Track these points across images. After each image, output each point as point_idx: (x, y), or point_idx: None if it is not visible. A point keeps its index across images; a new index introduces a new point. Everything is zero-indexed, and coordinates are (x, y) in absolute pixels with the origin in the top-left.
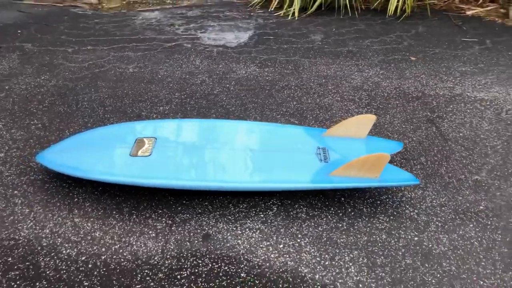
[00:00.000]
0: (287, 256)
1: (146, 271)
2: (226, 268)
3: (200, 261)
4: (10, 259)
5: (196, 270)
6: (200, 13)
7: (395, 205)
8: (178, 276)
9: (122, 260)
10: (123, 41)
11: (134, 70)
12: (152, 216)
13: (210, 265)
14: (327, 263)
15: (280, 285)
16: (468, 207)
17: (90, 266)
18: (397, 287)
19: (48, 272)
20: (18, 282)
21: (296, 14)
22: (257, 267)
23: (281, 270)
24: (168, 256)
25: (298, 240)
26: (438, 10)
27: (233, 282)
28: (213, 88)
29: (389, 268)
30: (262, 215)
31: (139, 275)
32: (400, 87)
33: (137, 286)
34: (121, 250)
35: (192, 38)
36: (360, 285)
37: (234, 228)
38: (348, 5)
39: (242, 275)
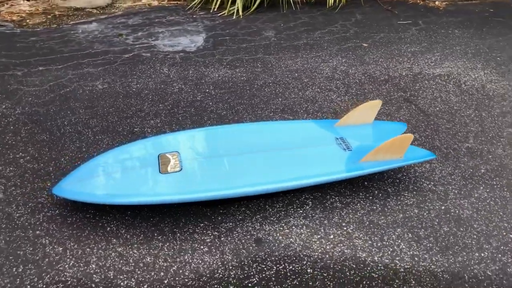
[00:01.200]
0: (341, 245)
1: (215, 286)
2: (291, 267)
3: (263, 266)
4: None
5: (264, 275)
6: (141, 20)
7: (413, 181)
8: (249, 284)
9: (186, 280)
10: (76, 57)
11: (103, 86)
12: (196, 231)
13: (274, 267)
14: (379, 244)
15: (347, 273)
16: (472, 172)
17: None
18: (446, 253)
19: None
20: None
21: (240, 12)
22: (319, 260)
23: (342, 259)
24: (230, 267)
25: (344, 228)
26: None
27: (304, 279)
28: (195, 95)
29: (432, 238)
30: (301, 211)
31: None
32: (367, 73)
33: None
34: (180, 271)
35: (147, 47)
36: (416, 259)
37: (281, 228)
38: (291, 1)
39: (309, 271)
